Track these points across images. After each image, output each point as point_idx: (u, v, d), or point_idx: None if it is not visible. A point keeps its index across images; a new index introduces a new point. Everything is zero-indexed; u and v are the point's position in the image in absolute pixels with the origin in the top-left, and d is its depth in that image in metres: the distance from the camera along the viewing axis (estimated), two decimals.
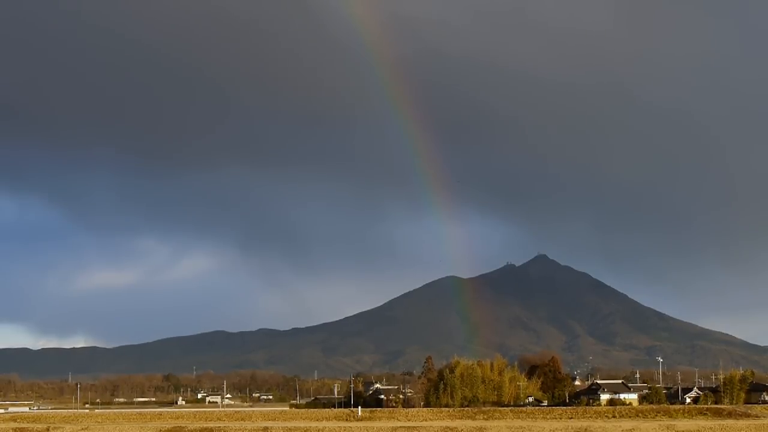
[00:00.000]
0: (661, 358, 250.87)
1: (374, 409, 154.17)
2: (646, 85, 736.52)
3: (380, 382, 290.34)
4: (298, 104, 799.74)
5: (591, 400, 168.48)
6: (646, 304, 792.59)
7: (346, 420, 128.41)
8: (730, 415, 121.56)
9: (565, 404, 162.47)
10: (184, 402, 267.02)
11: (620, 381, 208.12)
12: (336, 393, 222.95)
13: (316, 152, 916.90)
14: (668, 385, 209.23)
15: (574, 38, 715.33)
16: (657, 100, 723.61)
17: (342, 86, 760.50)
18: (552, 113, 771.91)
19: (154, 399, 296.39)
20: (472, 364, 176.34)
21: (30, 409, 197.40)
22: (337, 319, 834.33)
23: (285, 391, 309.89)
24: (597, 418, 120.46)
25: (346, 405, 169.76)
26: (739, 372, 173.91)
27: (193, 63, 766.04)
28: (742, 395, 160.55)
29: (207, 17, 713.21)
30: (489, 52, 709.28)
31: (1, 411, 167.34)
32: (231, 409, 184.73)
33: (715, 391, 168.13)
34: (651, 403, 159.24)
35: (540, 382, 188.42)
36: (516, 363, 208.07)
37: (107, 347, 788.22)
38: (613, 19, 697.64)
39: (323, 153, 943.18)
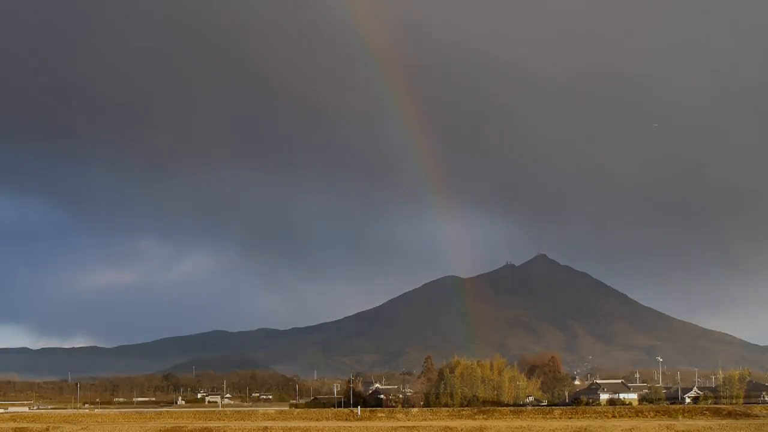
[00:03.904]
0: (661, 358, 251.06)
1: (374, 408, 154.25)
2: (649, 85, 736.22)
3: (380, 382, 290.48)
4: (299, 104, 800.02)
5: (591, 400, 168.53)
6: (646, 304, 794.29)
7: (346, 420, 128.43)
8: (729, 414, 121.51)
9: (564, 404, 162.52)
10: (183, 402, 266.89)
11: (620, 381, 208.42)
12: (336, 393, 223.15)
13: (316, 152, 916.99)
14: (668, 385, 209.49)
15: (578, 38, 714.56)
16: (658, 100, 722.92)
17: (343, 86, 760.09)
18: (554, 113, 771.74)
19: (153, 399, 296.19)
20: (472, 364, 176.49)
21: (29, 408, 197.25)
22: (337, 319, 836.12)
23: (285, 391, 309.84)
24: (597, 418, 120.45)
25: (346, 405, 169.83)
26: (739, 371, 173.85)
27: (194, 63, 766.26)
28: (742, 395, 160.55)
29: (211, 17, 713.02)
30: (491, 51, 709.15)
31: (1, 411, 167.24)
32: (230, 408, 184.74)
33: (714, 390, 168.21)
34: (651, 402, 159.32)
35: (540, 382, 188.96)
36: (516, 363, 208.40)
37: (107, 347, 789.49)
38: (619, 19, 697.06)
39: (324, 153, 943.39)
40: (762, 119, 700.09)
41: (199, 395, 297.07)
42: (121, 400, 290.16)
